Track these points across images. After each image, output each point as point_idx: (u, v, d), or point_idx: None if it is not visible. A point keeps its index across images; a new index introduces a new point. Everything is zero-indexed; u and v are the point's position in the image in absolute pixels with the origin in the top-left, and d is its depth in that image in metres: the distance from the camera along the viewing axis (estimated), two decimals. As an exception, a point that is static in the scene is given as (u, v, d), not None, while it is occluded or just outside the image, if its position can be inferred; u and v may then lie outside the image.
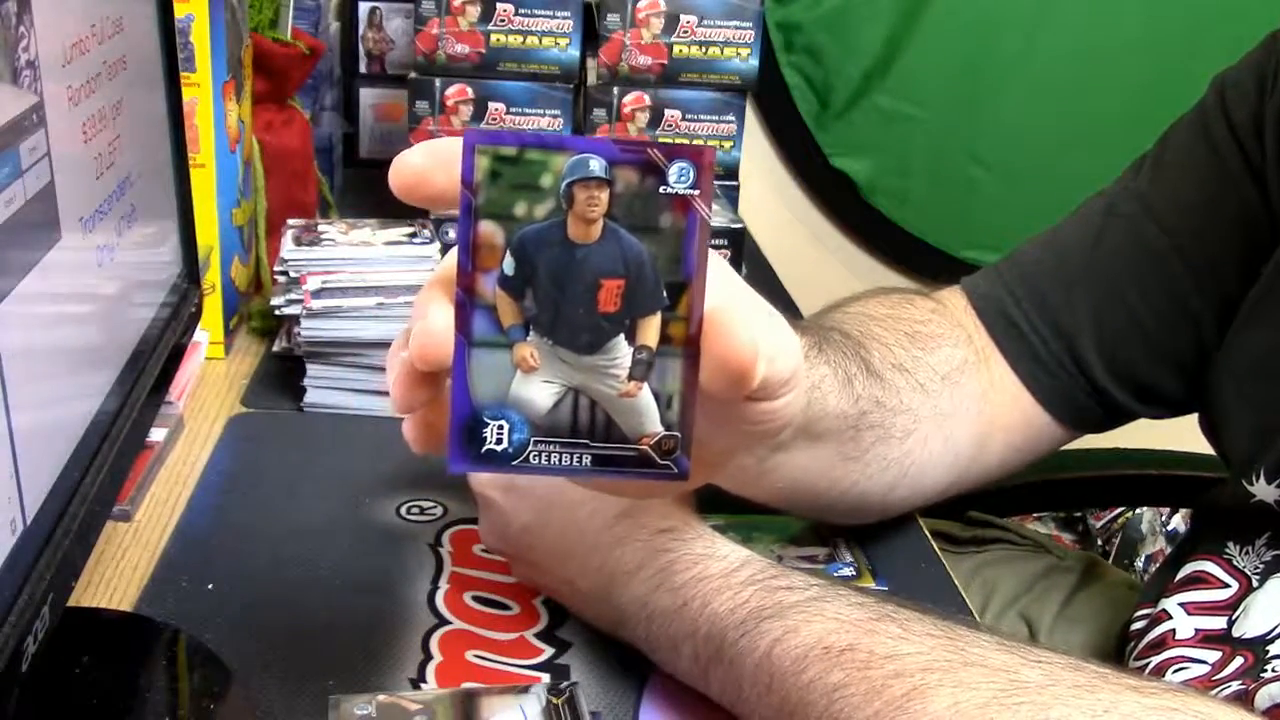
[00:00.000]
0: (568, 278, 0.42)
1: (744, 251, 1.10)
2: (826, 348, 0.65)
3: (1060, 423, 0.77)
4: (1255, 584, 0.68)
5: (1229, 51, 0.76)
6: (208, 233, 0.92)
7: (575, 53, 1.14)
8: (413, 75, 1.14)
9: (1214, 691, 0.66)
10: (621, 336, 0.43)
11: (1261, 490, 0.68)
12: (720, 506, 0.67)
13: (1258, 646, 0.66)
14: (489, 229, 0.42)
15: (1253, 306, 0.70)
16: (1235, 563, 0.70)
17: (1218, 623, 0.69)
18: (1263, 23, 1.42)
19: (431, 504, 0.77)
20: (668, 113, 1.17)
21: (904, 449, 0.70)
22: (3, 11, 0.45)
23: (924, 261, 1.61)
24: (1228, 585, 0.70)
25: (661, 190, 0.42)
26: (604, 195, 0.42)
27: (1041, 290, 0.76)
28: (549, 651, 0.64)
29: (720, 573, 0.57)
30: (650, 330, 0.43)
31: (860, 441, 0.67)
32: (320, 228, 0.96)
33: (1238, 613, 0.68)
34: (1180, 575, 0.74)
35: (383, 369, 0.84)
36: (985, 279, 0.79)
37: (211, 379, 0.93)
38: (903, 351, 0.72)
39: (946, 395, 0.73)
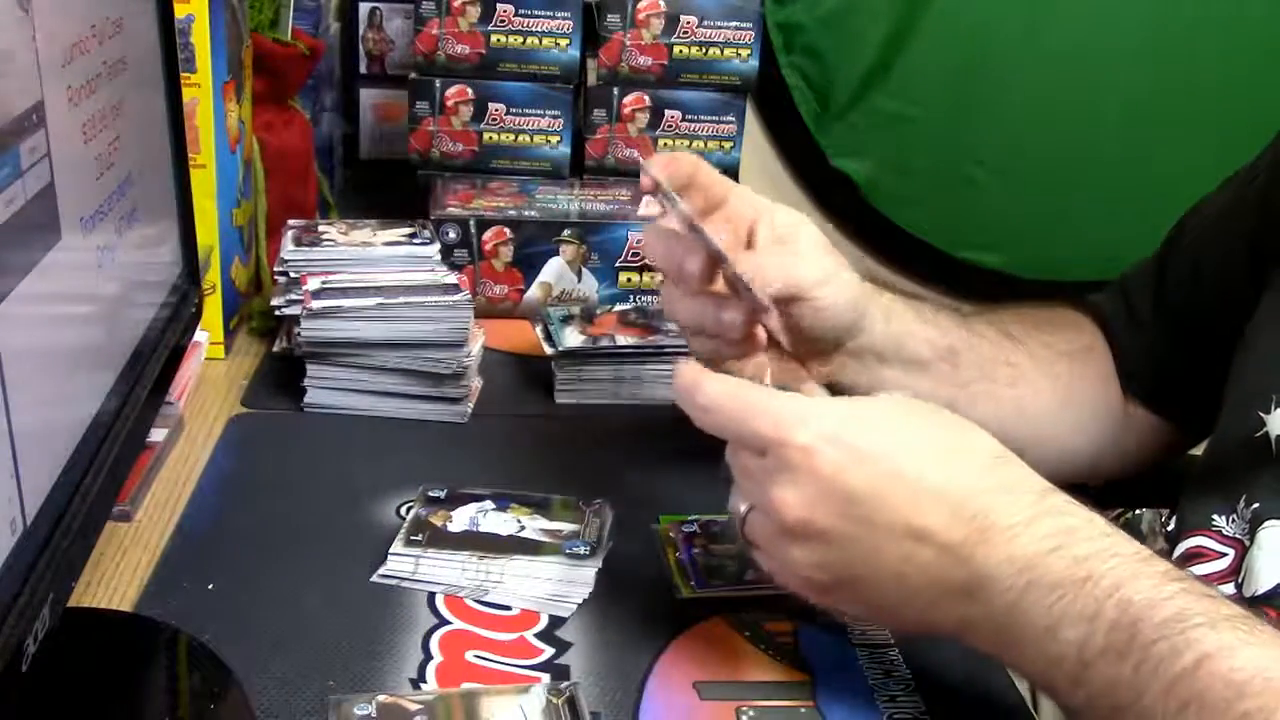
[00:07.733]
0: None
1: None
2: (911, 301, 0.78)
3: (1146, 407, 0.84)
4: (1248, 543, 0.68)
5: (1229, 53, 0.76)
6: (208, 233, 0.92)
7: (575, 53, 1.14)
8: (413, 75, 1.15)
9: None
10: None
11: (1275, 422, 0.67)
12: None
13: (1276, 600, 0.65)
14: None
15: None
16: (1225, 531, 0.70)
17: (1227, 590, 0.69)
18: (1263, 24, 1.43)
19: (431, 504, 0.77)
20: (668, 113, 1.17)
21: (1014, 394, 0.81)
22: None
23: (924, 261, 1.60)
24: (1224, 554, 0.70)
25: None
26: None
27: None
28: (549, 651, 0.64)
29: (1133, 555, 0.52)
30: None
31: (959, 372, 0.79)
32: (320, 228, 0.96)
33: (1242, 575, 0.68)
34: (1175, 556, 0.74)
35: (382, 369, 0.85)
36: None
37: (211, 379, 0.93)
38: (1020, 328, 0.84)
39: (1064, 366, 0.84)
